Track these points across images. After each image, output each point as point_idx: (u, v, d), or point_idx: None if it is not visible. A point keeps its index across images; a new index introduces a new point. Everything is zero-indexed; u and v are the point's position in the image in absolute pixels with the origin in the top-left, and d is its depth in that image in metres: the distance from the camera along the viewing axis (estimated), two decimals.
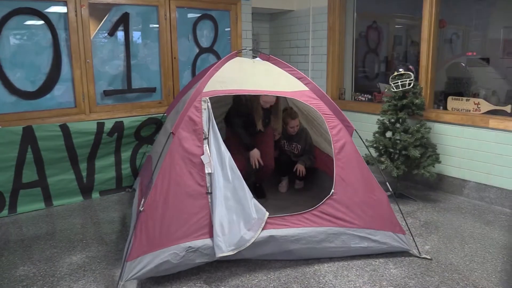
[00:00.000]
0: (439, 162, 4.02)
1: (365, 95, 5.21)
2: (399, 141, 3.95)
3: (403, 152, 3.97)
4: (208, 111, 2.78)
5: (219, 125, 3.04)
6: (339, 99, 5.37)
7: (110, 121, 4.07)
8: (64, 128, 3.84)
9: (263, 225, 2.66)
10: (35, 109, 3.95)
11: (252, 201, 2.70)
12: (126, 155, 4.32)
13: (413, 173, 3.99)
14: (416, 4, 4.46)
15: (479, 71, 5.44)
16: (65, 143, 3.87)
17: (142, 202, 2.59)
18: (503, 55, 5.43)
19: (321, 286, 2.61)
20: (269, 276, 2.72)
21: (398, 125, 4.08)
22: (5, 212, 3.75)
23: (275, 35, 6.22)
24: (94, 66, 4.19)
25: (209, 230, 2.62)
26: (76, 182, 4.06)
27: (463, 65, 5.62)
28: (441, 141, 4.23)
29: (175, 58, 4.70)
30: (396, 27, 6.47)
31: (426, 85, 4.31)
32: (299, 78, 3.19)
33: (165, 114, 4.24)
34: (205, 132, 2.74)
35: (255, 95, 3.45)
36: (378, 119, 4.23)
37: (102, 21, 4.26)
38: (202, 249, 2.60)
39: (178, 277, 2.68)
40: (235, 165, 2.75)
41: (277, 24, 6.13)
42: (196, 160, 2.69)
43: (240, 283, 2.64)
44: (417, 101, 3.99)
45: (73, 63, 4.07)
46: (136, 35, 4.48)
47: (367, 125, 4.75)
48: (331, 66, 5.36)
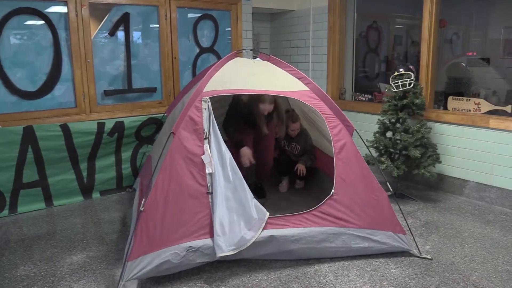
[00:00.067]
0: (440, 162, 4.02)
1: (366, 95, 5.21)
2: (399, 141, 3.95)
3: (404, 152, 3.97)
4: (208, 111, 2.78)
5: (219, 125, 3.03)
6: (340, 99, 5.37)
7: (110, 121, 4.08)
8: (64, 128, 3.84)
9: (263, 225, 2.66)
10: (36, 109, 3.96)
11: (252, 201, 2.70)
12: (126, 155, 4.32)
13: (414, 173, 3.99)
14: (416, 4, 4.46)
15: (480, 71, 5.44)
16: (66, 143, 3.87)
17: (142, 202, 2.59)
18: (503, 55, 5.44)
19: (321, 286, 2.61)
20: (269, 276, 2.72)
21: (398, 125, 4.08)
22: (6, 212, 3.75)
23: (275, 35, 6.22)
24: (94, 66, 4.20)
25: (209, 230, 2.62)
26: (76, 182, 4.06)
27: (464, 65, 5.62)
28: (442, 141, 4.23)
29: (175, 58, 4.70)
30: (396, 27, 6.47)
31: (426, 85, 4.31)
32: (300, 78, 3.19)
33: (166, 114, 4.24)
34: (205, 132, 2.74)
35: (254, 99, 3.45)
36: (378, 119, 4.23)
37: (102, 21, 4.26)
38: (202, 249, 2.60)
39: (178, 277, 2.68)
40: (236, 165, 2.75)
41: (277, 24, 6.13)
42: (196, 159, 2.69)
43: (240, 283, 2.64)
44: (417, 101, 3.99)
45: (74, 63, 4.07)
46: (136, 35, 4.49)
47: (367, 125, 4.75)
48: (332, 66, 5.35)
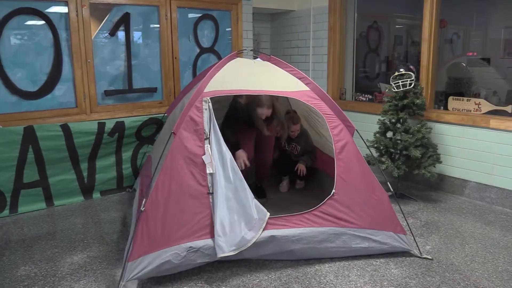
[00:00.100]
0: (440, 162, 4.02)
1: (366, 95, 5.21)
2: (400, 141, 3.95)
3: (404, 152, 3.97)
4: (209, 111, 2.78)
5: (219, 127, 3.03)
6: (340, 99, 5.36)
7: (111, 121, 4.07)
8: (65, 128, 3.84)
9: (264, 226, 2.66)
10: (36, 109, 3.96)
11: (253, 201, 2.70)
12: (127, 155, 4.32)
13: (414, 173, 3.99)
14: (416, 4, 4.46)
15: (480, 71, 5.44)
16: (66, 143, 3.87)
17: (143, 202, 2.59)
18: (503, 55, 5.44)
19: (322, 286, 2.61)
20: (270, 276, 2.72)
21: (399, 125, 4.08)
22: (6, 212, 3.75)
23: (276, 35, 6.22)
24: (95, 66, 4.20)
25: (210, 230, 2.62)
26: (77, 182, 4.06)
27: (464, 65, 5.62)
28: (442, 141, 4.23)
29: (176, 58, 4.70)
30: (396, 27, 6.47)
31: (427, 85, 4.31)
32: (300, 78, 3.19)
33: (166, 114, 4.24)
34: (206, 132, 2.74)
35: (252, 103, 3.46)
36: (379, 119, 4.23)
37: (103, 21, 4.26)
38: (203, 249, 2.60)
39: (179, 277, 2.68)
40: (237, 165, 2.75)
41: (278, 24, 6.13)
42: (197, 160, 2.69)
43: (241, 283, 2.64)
44: (418, 101, 3.99)
45: (74, 63, 4.07)
46: (137, 35, 4.49)
47: (367, 125, 4.75)
48: (332, 66, 5.35)
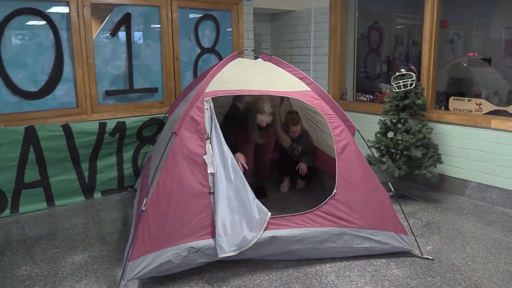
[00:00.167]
0: (441, 162, 4.02)
1: (367, 96, 5.21)
2: (400, 142, 3.95)
3: (405, 152, 3.97)
4: (210, 111, 2.79)
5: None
6: (341, 99, 5.36)
7: (112, 121, 4.08)
8: (66, 128, 3.84)
9: (265, 226, 2.65)
10: (37, 109, 3.96)
11: (254, 201, 2.70)
12: (128, 155, 4.32)
13: (415, 174, 3.99)
14: (417, 4, 4.46)
15: (481, 71, 5.44)
16: (67, 143, 3.87)
17: (144, 201, 2.59)
18: (504, 56, 5.44)
19: (323, 286, 2.61)
20: (271, 276, 2.72)
21: (399, 126, 4.08)
22: (7, 212, 3.76)
23: (276, 35, 6.22)
24: (96, 66, 4.20)
25: (211, 230, 2.62)
26: (78, 182, 4.06)
27: (465, 65, 5.62)
28: (443, 142, 4.23)
29: (176, 58, 4.70)
30: (397, 27, 6.48)
31: (427, 86, 4.31)
32: (301, 78, 3.19)
33: (167, 114, 4.25)
34: (207, 132, 2.75)
35: (252, 109, 3.46)
36: (379, 120, 4.23)
37: (104, 21, 4.26)
38: (204, 249, 2.60)
39: (180, 277, 2.68)
40: (238, 165, 2.76)
41: (278, 24, 6.13)
42: (198, 159, 2.69)
43: (242, 283, 2.64)
44: (418, 101, 3.99)
45: (75, 63, 4.08)
46: (137, 36, 4.49)
47: (368, 126, 4.75)
48: (333, 66, 5.36)
